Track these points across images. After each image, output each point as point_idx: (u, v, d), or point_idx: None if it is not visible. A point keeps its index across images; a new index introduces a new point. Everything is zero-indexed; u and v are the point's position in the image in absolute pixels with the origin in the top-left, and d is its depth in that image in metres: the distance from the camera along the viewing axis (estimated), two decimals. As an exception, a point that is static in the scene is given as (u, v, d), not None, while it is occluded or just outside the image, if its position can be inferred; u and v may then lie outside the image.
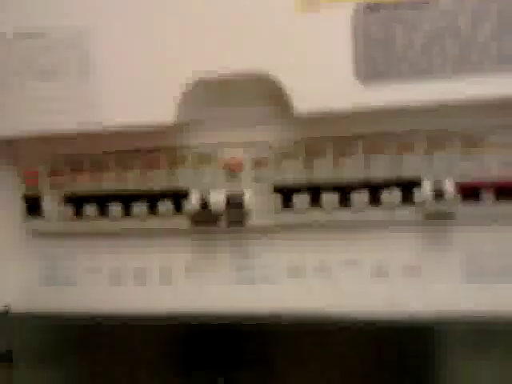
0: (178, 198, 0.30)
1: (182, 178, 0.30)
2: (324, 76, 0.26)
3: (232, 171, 0.29)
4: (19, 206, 0.32)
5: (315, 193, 0.29)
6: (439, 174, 0.27)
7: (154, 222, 0.31)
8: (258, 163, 0.30)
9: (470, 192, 0.27)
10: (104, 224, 0.32)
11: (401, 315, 0.28)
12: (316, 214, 0.29)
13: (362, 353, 0.30)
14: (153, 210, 0.31)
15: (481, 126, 0.27)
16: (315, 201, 0.29)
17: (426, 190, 0.27)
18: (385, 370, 0.29)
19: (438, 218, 0.28)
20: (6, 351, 0.34)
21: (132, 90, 0.28)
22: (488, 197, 0.27)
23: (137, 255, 0.32)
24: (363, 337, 0.29)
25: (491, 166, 0.27)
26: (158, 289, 0.32)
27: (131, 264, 0.32)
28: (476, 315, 0.28)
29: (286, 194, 0.29)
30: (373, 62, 0.25)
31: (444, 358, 0.29)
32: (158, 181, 0.31)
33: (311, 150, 0.29)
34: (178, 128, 0.29)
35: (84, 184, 0.32)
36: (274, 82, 0.26)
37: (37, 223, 0.32)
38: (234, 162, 0.29)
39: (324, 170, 0.29)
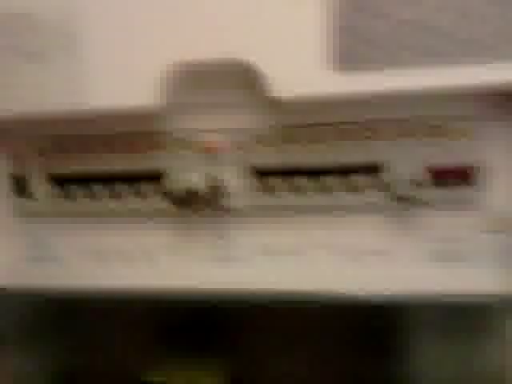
0: (158, 180, 0.32)
1: (162, 161, 0.32)
2: (298, 62, 0.27)
3: (209, 153, 0.31)
4: (6, 186, 0.33)
5: (290, 176, 0.30)
6: (408, 159, 0.29)
7: (136, 203, 0.32)
8: (235, 147, 0.31)
9: (437, 177, 0.28)
10: (89, 204, 0.33)
11: (371, 295, 0.30)
12: (291, 197, 0.30)
13: (333, 331, 0.31)
14: (135, 191, 0.32)
15: (446, 112, 0.28)
16: (290, 184, 0.30)
17: (395, 174, 0.28)
18: (355, 347, 0.31)
19: (406, 202, 0.29)
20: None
21: (116, 73, 0.29)
22: (453, 181, 0.28)
23: (120, 235, 0.33)
24: (334, 316, 0.31)
25: (456, 152, 0.28)
26: (140, 267, 0.33)
27: (115, 243, 0.33)
28: (442, 295, 0.29)
29: (262, 177, 0.30)
30: (348, 51, 0.26)
31: (412, 335, 0.30)
32: (140, 163, 0.32)
33: (287, 135, 0.30)
34: (158, 112, 0.30)
35: (71, 165, 0.33)
36: (251, 67, 0.27)
37: (24, 203, 0.34)
38: (211, 145, 0.31)
39: (298, 155, 0.30)
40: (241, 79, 0.29)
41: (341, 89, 0.26)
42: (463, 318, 0.29)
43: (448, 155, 0.28)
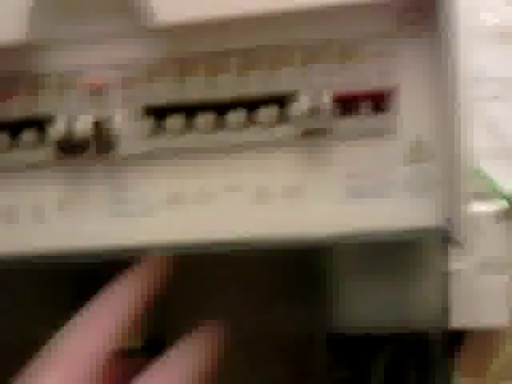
0: (41, 126, 0.28)
1: (44, 105, 0.28)
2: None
3: (95, 91, 0.27)
4: None
5: (189, 114, 0.27)
6: (315, 87, 0.26)
7: (17, 155, 0.28)
8: (125, 83, 0.27)
9: (346, 105, 0.26)
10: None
11: (285, 237, 0.27)
12: (191, 138, 0.27)
13: (248, 278, 0.28)
14: (14, 141, 0.28)
15: (356, 34, 0.26)
16: (189, 123, 0.27)
17: (302, 103, 0.25)
18: (275, 293, 0.28)
19: (314, 134, 0.26)
20: None
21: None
22: (365, 110, 0.26)
23: (3, 193, 0.29)
24: (248, 262, 0.28)
25: (367, 76, 0.26)
26: (30, 228, 0.29)
27: (-3, 202, 0.29)
28: (359, 234, 0.27)
29: (157, 116, 0.27)
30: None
31: (330, 277, 0.28)
32: (17, 109, 0.28)
33: (182, 68, 0.27)
34: (34, 49, 0.26)
35: None
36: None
37: None
38: (96, 81, 0.27)
39: (197, 89, 0.27)
40: (122, 1, 0.25)
41: (229, 10, 0.23)
42: (388, 255, 0.27)
43: (358, 81, 0.26)
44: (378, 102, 0.26)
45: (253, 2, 0.24)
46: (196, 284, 0.30)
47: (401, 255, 0.29)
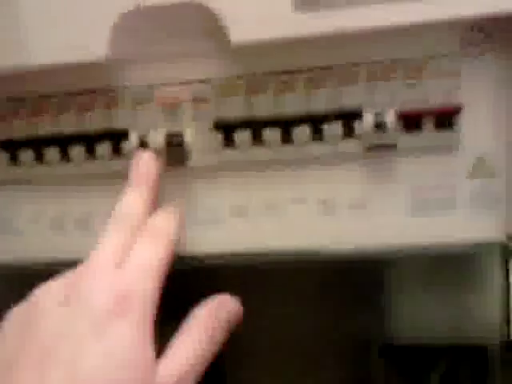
0: (116, 140, 0.29)
1: (119, 119, 0.29)
2: (260, 3, 0.25)
3: (169, 108, 0.28)
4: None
5: (257, 129, 0.28)
6: (382, 104, 0.27)
7: (92, 166, 0.30)
8: (197, 100, 0.28)
9: (411, 122, 0.27)
10: (41, 170, 0.30)
11: (347, 250, 0.28)
12: (258, 152, 0.28)
13: (311, 289, 0.29)
14: (91, 153, 0.29)
15: (421, 53, 0.26)
16: (257, 138, 0.28)
17: (367, 120, 0.26)
18: (333, 305, 0.29)
19: (379, 150, 0.27)
20: None
21: (61, 24, 0.26)
22: (431, 126, 0.27)
23: (78, 201, 0.31)
24: (311, 273, 0.29)
25: (434, 94, 0.26)
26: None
27: (72, 211, 0.31)
28: (421, 247, 0.28)
29: (227, 131, 0.28)
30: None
31: (390, 290, 0.29)
32: (94, 123, 0.29)
33: (252, 86, 0.28)
34: (112, 67, 0.28)
35: (19, 128, 0.30)
36: (208, 10, 0.25)
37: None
38: (171, 99, 0.28)
39: (265, 106, 0.28)
40: (198, 24, 0.27)
41: (302, 29, 0.24)
42: (448, 268, 0.28)
43: (422, 98, 0.27)
44: (442, 119, 0.27)
45: (323, 23, 0.25)
46: (258, 294, 0.31)
47: (461, 268, 0.29)
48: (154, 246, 0.26)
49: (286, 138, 0.28)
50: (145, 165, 0.28)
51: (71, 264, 0.27)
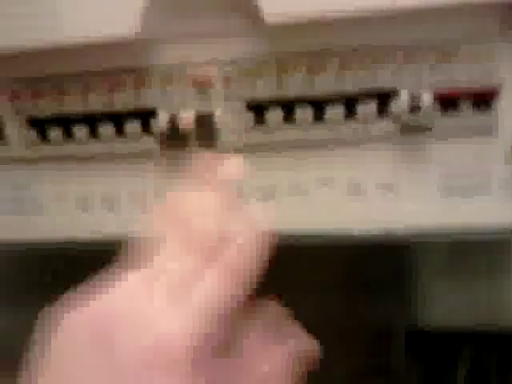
0: (145, 118, 0.29)
1: (149, 98, 0.29)
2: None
3: (200, 87, 0.28)
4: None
5: (288, 109, 0.28)
6: (417, 85, 0.26)
7: (121, 145, 0.30)
8: (228, 80, 0.28)
9: (447, 103, 0.26)
10: (69, 148, 0.30)
11: (376, 232, 0.28)
12: (289, 132, 0.28)
13: (339, 270, 0.29)
14: (119, 131, 0.29)
15: (458, 34, 0.26)
16: (288, 118, 0.28)
17: (403, 100, 0.26)
18: (360, 286, 0.29)
19: (414, 131, 0.27)
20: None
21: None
22: (466, 108, 0.26)
23: (105, 180, 0.31)
24: (339, 254, 0.29)
25: (469, 76, 0.26)
26: (127, 214, 0.30)
27: (99, 189, 0.31)
28: (451, 230, 0.27)
29: (258, 111, 0.28)
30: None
31: (420, 273, 0.28)
32: (124, 101, 0.29)
33: (283, 65, 0.28)
34: (143, 45, 0.28)
35: (47, 106, 0.30)
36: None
37: (-1, 149, 0.31)
38: (202, 78, 0.28)
39: (297, 85, 0.28)
40: (232, 2, 0.26)
41: (338, 7, 0.24)
42: (479, 253, 0.28)
43: (460, 79, 0.26)
44: (480, 100, 0.26)
45: (357, 2, 0.25)
46: (284, 276, 0.30)
47: (492, 253, 0.29)
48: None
49: (318, 118, 0.27)
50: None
51: (96, 244, 0.27)
